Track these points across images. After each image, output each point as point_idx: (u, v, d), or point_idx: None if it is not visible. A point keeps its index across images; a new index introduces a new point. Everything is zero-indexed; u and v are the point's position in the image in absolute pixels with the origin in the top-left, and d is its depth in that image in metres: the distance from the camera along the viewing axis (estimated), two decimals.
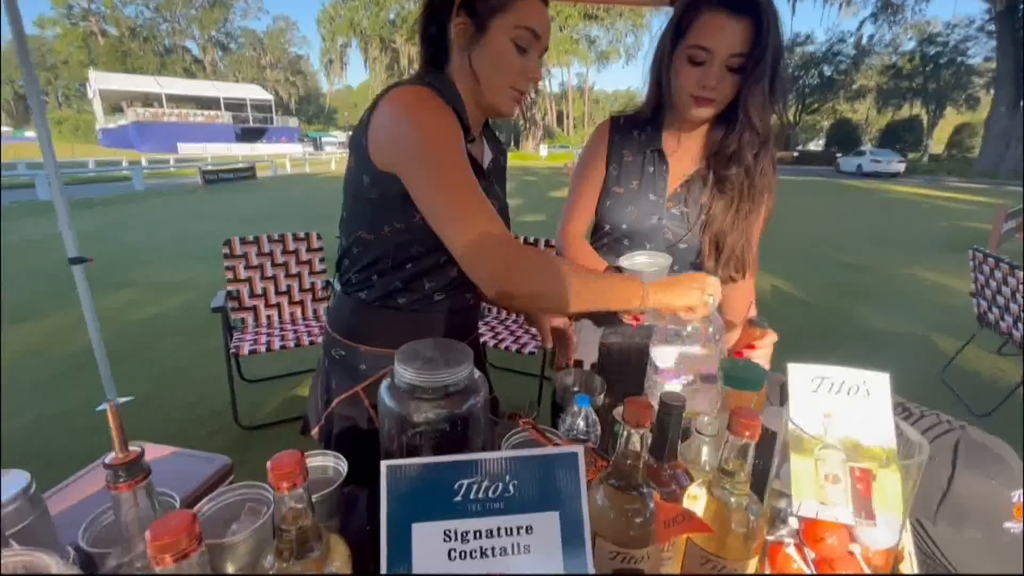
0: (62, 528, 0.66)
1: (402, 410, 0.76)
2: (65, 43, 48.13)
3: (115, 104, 35.51)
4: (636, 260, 1.01)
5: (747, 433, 0.55)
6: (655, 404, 0.64)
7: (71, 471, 1.57)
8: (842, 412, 0.58)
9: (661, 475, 0.66)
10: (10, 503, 0.55)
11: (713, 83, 0.99)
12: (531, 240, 2.95)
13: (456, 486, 0.59)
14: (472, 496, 0.59)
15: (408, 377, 0.75)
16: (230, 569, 0.69)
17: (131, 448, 0.49)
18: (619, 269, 1.01)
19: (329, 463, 0.83)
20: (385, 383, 0.80)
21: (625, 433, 0.59)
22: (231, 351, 2.46)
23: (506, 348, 2.56)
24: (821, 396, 0.59)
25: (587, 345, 1.37)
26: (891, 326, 4.13)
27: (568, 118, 49.79)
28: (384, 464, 0.60)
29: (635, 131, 1.19)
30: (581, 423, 0.83)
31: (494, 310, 3.03)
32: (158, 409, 2.70)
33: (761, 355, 0.97)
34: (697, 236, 1.15)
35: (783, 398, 0.85)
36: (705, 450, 0.74)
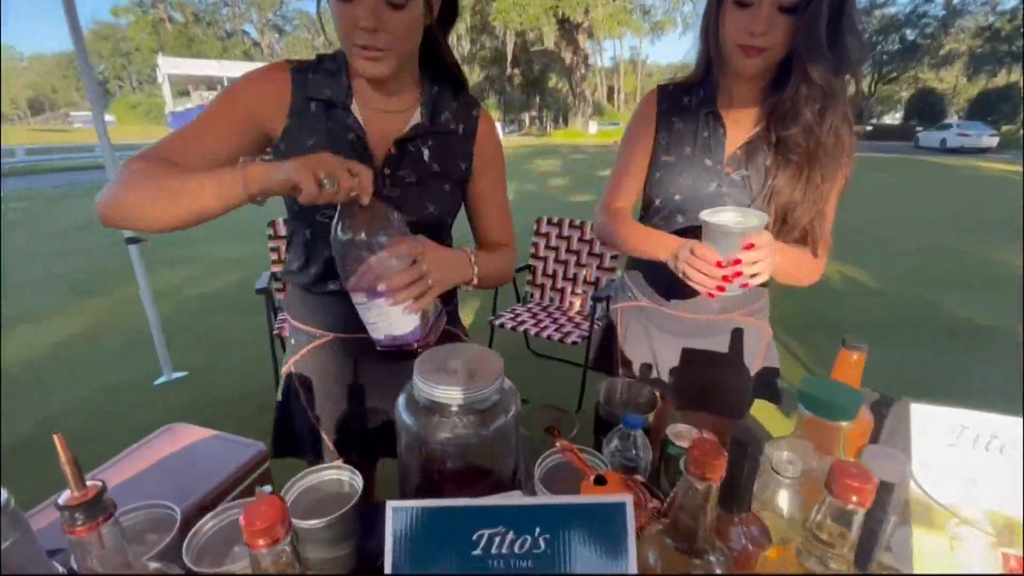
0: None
1: (420, 428, 0.66)
2: (137, 30, 50.96)
3: (182, 88, 37.31)
4: (723, 216, 0.86)
5: (854, 499, 0.41)
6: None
7: (131, 442, 1.61)
8: (987, 475, 0.44)
9: (729, 530, 0.53)
10: None
11: (762, 28, 0.85)
12: (578, 223, 2.79)
13: (476, 536, 0.48)
14: (495, 550, 0.48)
15: (427, 391, 0.65)
16: None
17: (90, 483, 0.41)
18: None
19: (344, 477, 0.76)
20: (404, 395, 0.71)
21: (689, 484, 0.46)
22: (274, 331, 2.48)
23: (548, 336, 2.45)
24: (959, 451, 0.44)
25: (636, 341, 1.23)
26: (982, 319, 3.70)
27: (619, 93, 48.08)
28: (390, 505, 0.51)
29: (686, 97, 1.07)
30: (630, 448, 0.71)
31: (536, 295, 2.92)
32: (210, 384, 2.78)
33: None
34: (762, 207, 0.99)
35: (881, 429, 0.69)
36: (784, 496, 0.60)
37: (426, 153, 0.89)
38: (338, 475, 0.76)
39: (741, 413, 1.22)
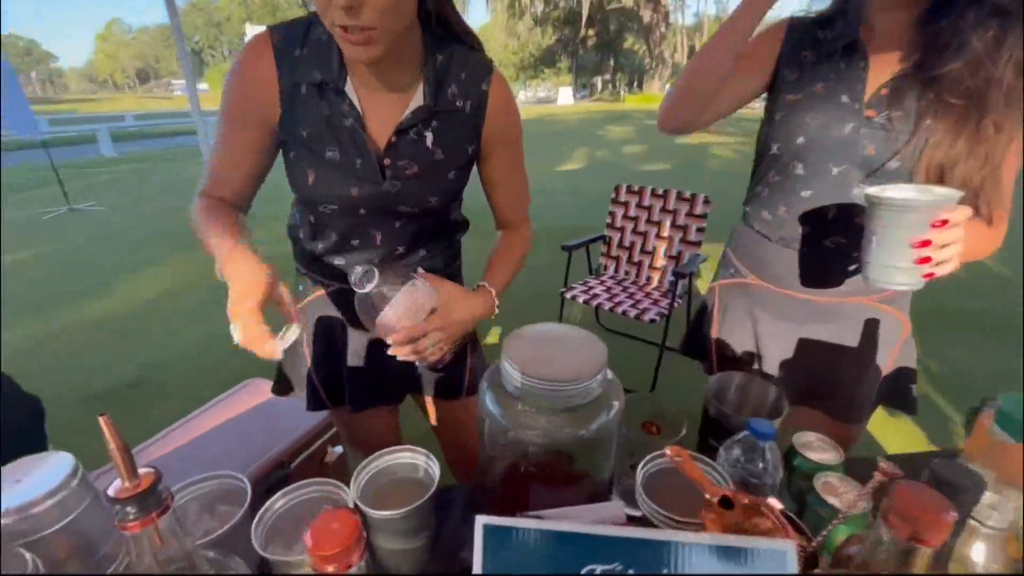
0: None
1: (507, 420, 0.57)
2: (227, 1, 53.58)
3: None
4: (896, 191, 0.69)
5: None
6: None
7: (214, 392, 1.68)
8: None
9: None
10: (56, 492, 0.46)
11: None
12: (660, 192, 2.58)
13: (585, 572, 0.39)
14: None
15: (516, 379, 0.55)
16: None
17: (143, 472, 0.35)
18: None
19: (420, 461, 0.69)
20: (487, 378, 0.62)
21: (888, 542, 0.34)
22: None
23: (623, 312, 2.30)
24: None
25: (736, 325, 1.07)
26: None
27: None
28: (480, 521, 0.42)
29: (821, 31, 0.88)
30: (755, 462, 0.59)
31: (610, 268, 2.76)
32: None
33: None
34: (911, 159, 0.80)
35: None
36: (982, 549, 0.46)
37: (429, 138, 0.79)
38: (412, 459, 0.69)
39: (860, 418, 1.05)
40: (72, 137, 11.63)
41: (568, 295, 2.50)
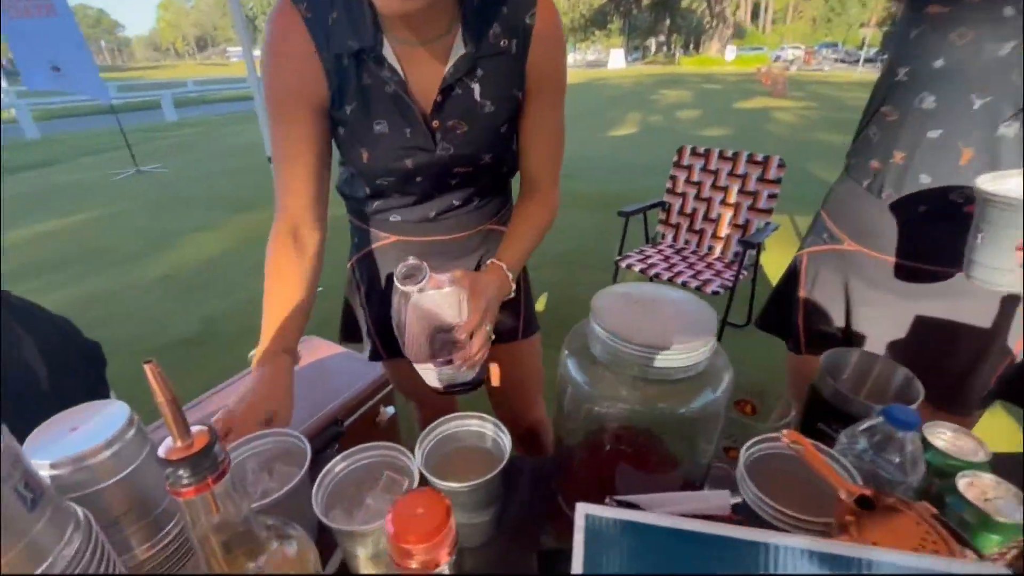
0: None
1: (594, 391, 0.49)
2: None
3: None
4: (1011, 186, 0.58)
5: None
6: None
7: None
8: None
9: None
10: (112, 443, 0.42)
11: None
12: (729, 155, 2.38)
13: None
14: None
15: (610, 344, 0.48)
16: (360, 553, 0.54)
17: (195, 430, 0.30)
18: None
19: (488, 430, 0.63)
20: (570, 342, 0.54)
21: None
22: None
23: (683, 283, 2.17)
24: None
25: (830, 299, 0.95)
26: None
27: (767, 12, 41.61)
28: (582, 509, 0.36)
29: None
30: (892, 457, 0.49)
31: (668, 236, 2.61)
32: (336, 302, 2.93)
33: None
34: None
35: None
36: None
37: (476, 90, 0.71)
38: (480, 427, 0.63)
39: (972, 411, 0.92)
40: (138, 103, 12.16)
41: (623, 264, 2.39)
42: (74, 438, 0.42)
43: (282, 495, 0.52)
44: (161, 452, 0.30)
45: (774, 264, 3.10)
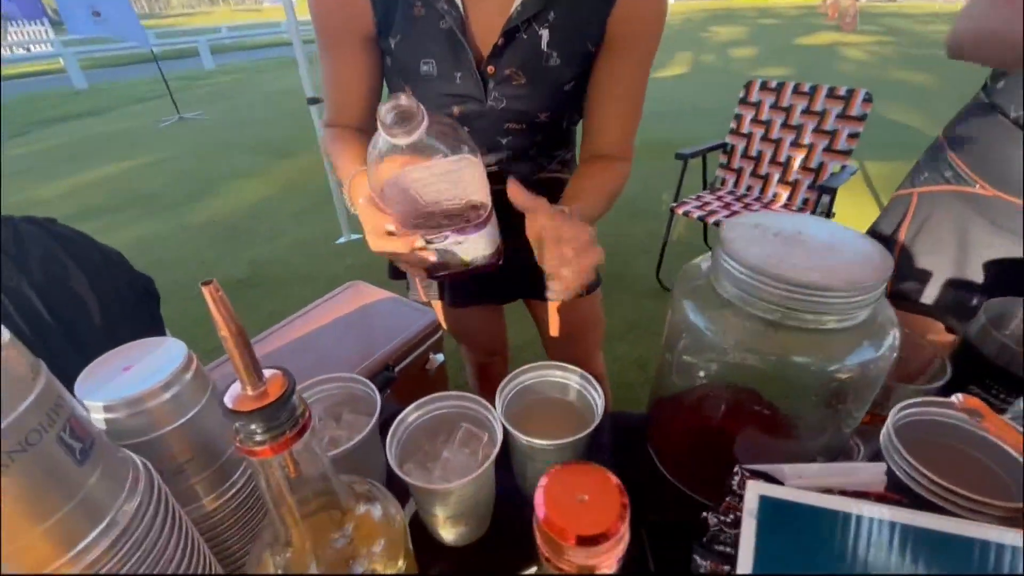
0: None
1: (720, 336, 0.41)
2: None
3: None
4: None
5: None
6: None
7: (318, 292, 1.69)
8: None
9: None
10: (171, 385, 0.37)
11: None
12: (806, 88, 2.14)
13: None
14: None
15: (742, 279, 0.39)
16: (439, 513, 0.49)
17: (269, 373, 0.23)
18: None
19: (573, 381, 0.56)
20: (683, 281, 0.45)
21: None
22: None
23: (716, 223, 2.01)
24: None
25: (943, 248, 0.82)
26: None
27: None
28: (757, 490, 0.28)
29: None
30: None
31: (729, 182, 2.41)
32: None
33: None
34: None
35: None
36: None
37: (544, 38, 0.60)
38: (564, 378, 0.56)
39: None
40: (175, 51, 12.16)
41: (680, 211, 2.23)
42: (128, 378, 0.37)
43: (355, 444, 0.47)
44: (227, 400, 0.23)
45: (842, 214, 2.86)
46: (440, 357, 1.55)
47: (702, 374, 0.43)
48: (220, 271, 2.72)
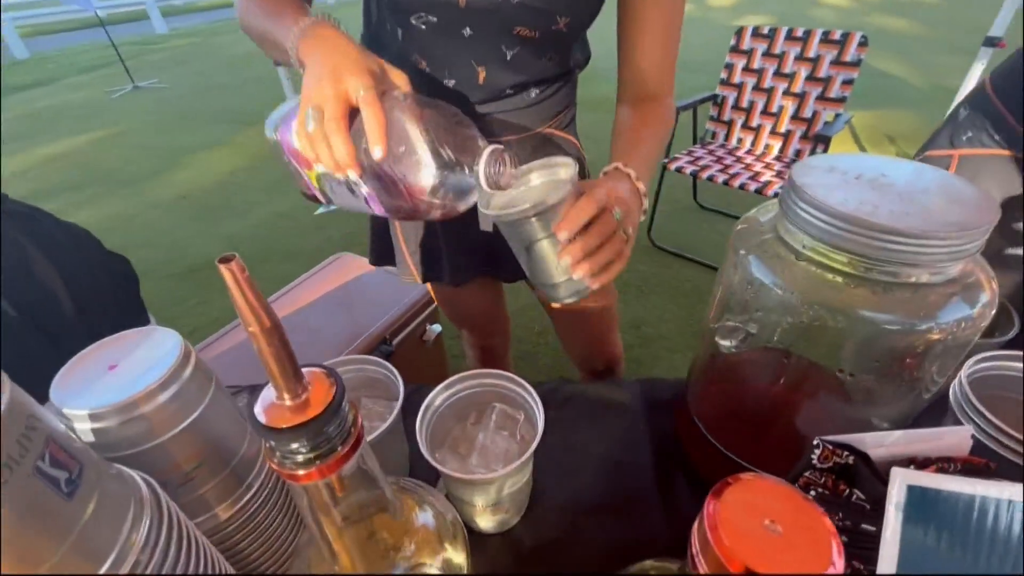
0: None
1: (793, 292, 0.36)
2: None
3: None
4: None
5: None
6: None
7: (300, 267, 1.61)
8: None
9: None
10: (168, 384, 0.31)
11: None
12: (800, 33, 2.06)
13: None
14: None
15: (822, 226, 0.34)
16: (479, 502, 0.45)
17: (307, 373, 0.18)
18: None
19: None
20: (742, 231, 0.41)
21: None
22: None
23: (740, 187, 1.97)
24: None
25: None
26: None
27: None
28: (903, 478, 0.24)
29: None
30: None
31: (720, 135, 2.36)
32: (363, 216, 2.77)
33: None
34: None
35: None
36: None
37: None
38: None
39: None
40: (123, 14, 11.32)
41: (672, 167, 2.18)
42: (116, 379, 0.31)
43: (381, 433, 0.42)
44: (260, 412, 0.18)
45: None
46: (437, 328, 1.50)
47: (773, 336, 0.39)
48: (195, 249, 2.59)
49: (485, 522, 0.46)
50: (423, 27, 0.58)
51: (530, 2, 0.55)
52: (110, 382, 0.31)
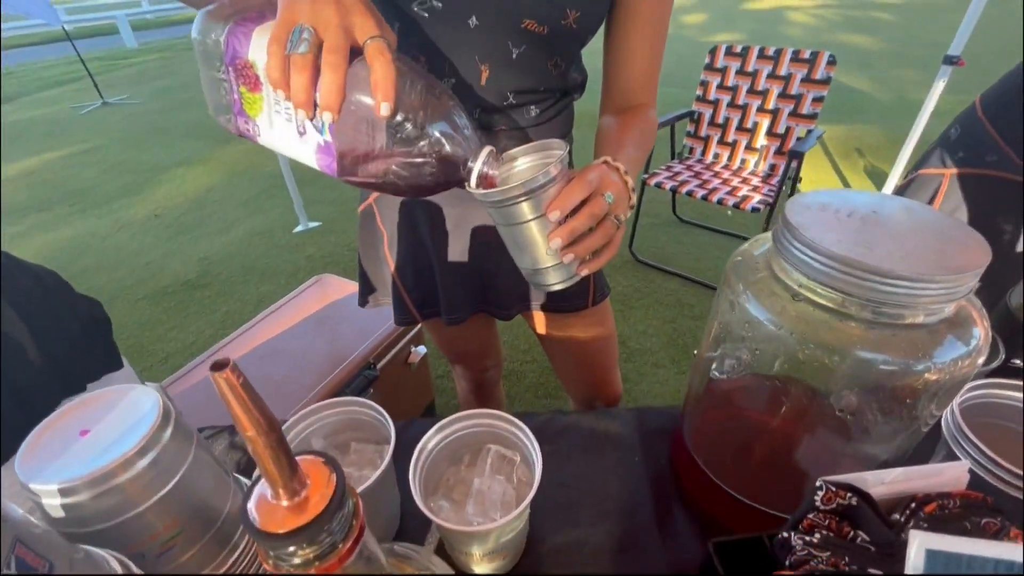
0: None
1: (787, 330, 0.36)
2: None
3: None
4: None
5: None
6: None
7: (279, 287, 1.57)
8: None
9: None
10: (146, 450, 0.29)
11: None
12: (771, 53, 2.12)
13: None
14: None
15: (817, 267, 0.34)
16: (476, 551, 0.44)
17: (304, 462, 0.17)
18: None
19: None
20: (738, 264, 0.40)
21: None
22: None
23: (719, 201, 2.00)
24: None
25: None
26: None
27: None
28: (923, 541, 0.23)
29: None
30: None
31: (697, 150, 2.40)
32: (344, 233, 2.74)
33: None
34: None
35: None
36: None
37: None
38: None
39: None
40: (91, 28, 11.09)
41: (651, 182, 2.20)
42: (88, 446, 0.29)
43: (373, 483, 0.40)
44: (253, 513, 0.16)
45: (804, 179, 2.92)
46: (422, 349, 1.48)
47: (767, 372, 0.39)
48: (169, 270, 2.52)
49: (482, 569, 0.45)
50: (425, 15, 0.54)
51: None
52: (82, 450, 0.28)
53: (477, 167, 0.40)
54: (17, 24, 9.76)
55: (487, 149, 0.40)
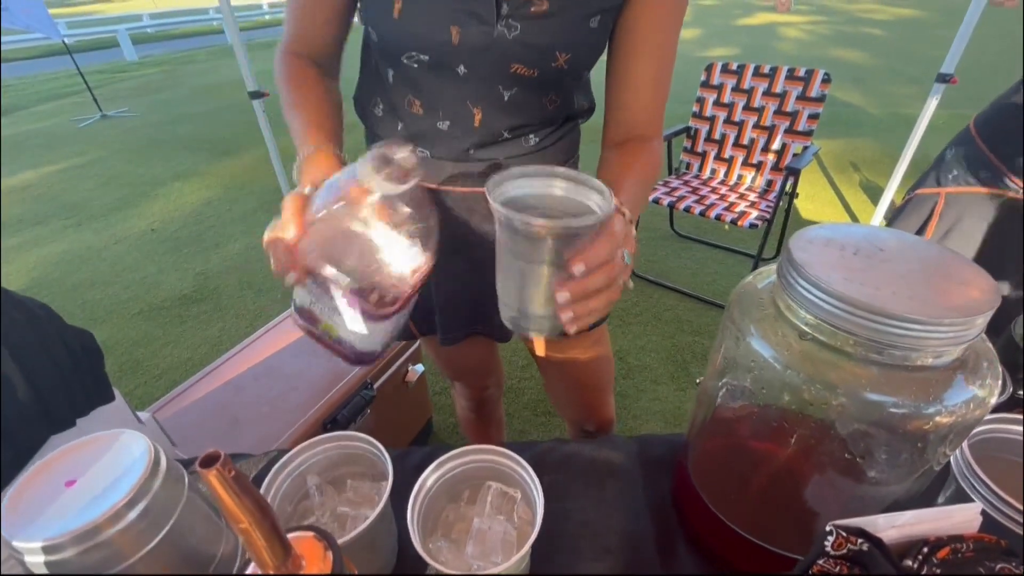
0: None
1: (793, 370, 0.35)
2: None
3: None
4: None
5: None
6: None
7: (275, 302, 1.55)
8: None
9: None
10: (136, 501, 0.28)
11: None
12: (766, 70, 2.14)
13: None
14: None
15: (824, 307, 0.33)
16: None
17: (295, 540, 0.16)
18: None
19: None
20: (741, 298, 0.40)
21: None
22: None
23: (717, 217, 2.01)
24: None
25: (966, 250, 0.79)
26: None
27: None
28: None
29: None
30: None
31: (694, 166, 2.41)
32: None
33: None
34: None
35: None
36: None
37: None
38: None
39: None
40: (92, 41, 11.16)
41: (650, 197, 2.21)
42: (74, 498, 0.28)
43: (372, 523, 0.39)
44: None
45: (802, 194, 2.94)
46: (419, 368, 1.47)
47: (765, 411, 0.38)
48: (165, 285, 2.50)
49: None
50: (415, 66, 0.56)
51: (527, 38, 0.53)
52: (68, 503, 0.27)
53: (368, 161, 0.42)
54: (17, 37, 9.82)
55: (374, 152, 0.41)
